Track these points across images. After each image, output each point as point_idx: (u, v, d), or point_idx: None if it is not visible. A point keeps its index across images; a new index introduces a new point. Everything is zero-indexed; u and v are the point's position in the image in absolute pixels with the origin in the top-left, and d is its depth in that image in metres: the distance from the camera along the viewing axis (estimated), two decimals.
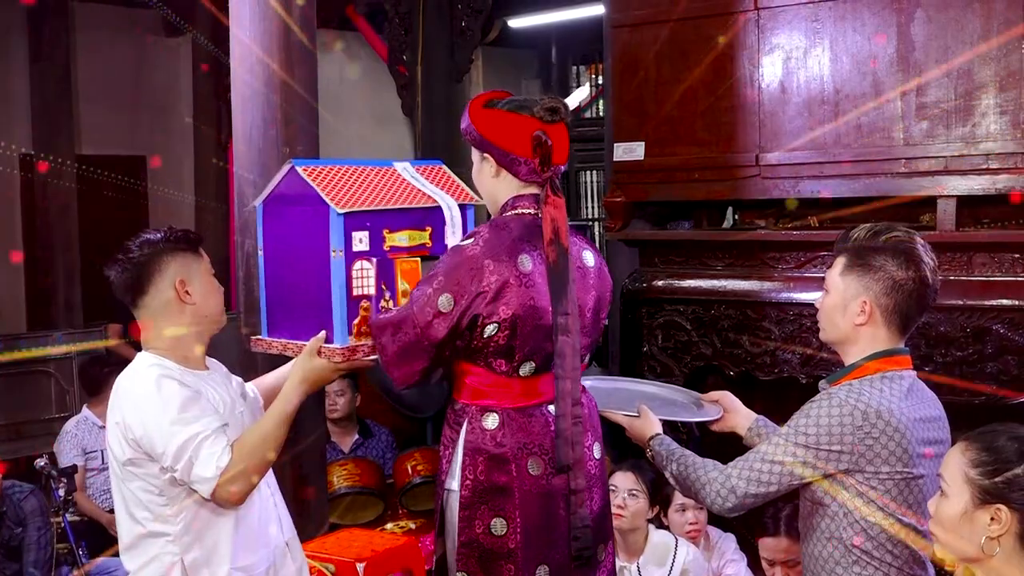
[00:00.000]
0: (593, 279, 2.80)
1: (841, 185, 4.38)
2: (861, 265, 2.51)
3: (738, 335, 4.58)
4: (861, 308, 2.50)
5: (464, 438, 2.67)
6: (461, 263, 2.55)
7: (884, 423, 2.39)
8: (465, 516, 2.65)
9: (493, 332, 2.57)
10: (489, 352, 2.61)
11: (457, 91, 8.89)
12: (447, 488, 2.70)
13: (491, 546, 2.63)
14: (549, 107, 2.68)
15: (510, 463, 2.63)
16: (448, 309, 2.52)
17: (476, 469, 2.64)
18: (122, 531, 2.68)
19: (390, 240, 2.75)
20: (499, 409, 2.66)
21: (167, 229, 2.72)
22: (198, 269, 2.69)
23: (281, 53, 3.67)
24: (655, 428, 2.80)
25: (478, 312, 2.54)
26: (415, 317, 2.53)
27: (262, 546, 2.73)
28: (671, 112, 4.79)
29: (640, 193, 4.93)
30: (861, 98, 4.31)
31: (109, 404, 2.66)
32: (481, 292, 2.54)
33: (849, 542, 2.46)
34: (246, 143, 3.75)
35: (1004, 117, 4.00)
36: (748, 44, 4.59)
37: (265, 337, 2.90)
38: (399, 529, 4.80)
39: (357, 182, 2.74)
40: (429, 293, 2.53)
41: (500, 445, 2.64)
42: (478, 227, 2.69)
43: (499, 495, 2.64)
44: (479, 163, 2.78)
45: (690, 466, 2.64)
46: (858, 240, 2.55)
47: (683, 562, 3.70)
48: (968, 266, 4.08)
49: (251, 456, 2.51)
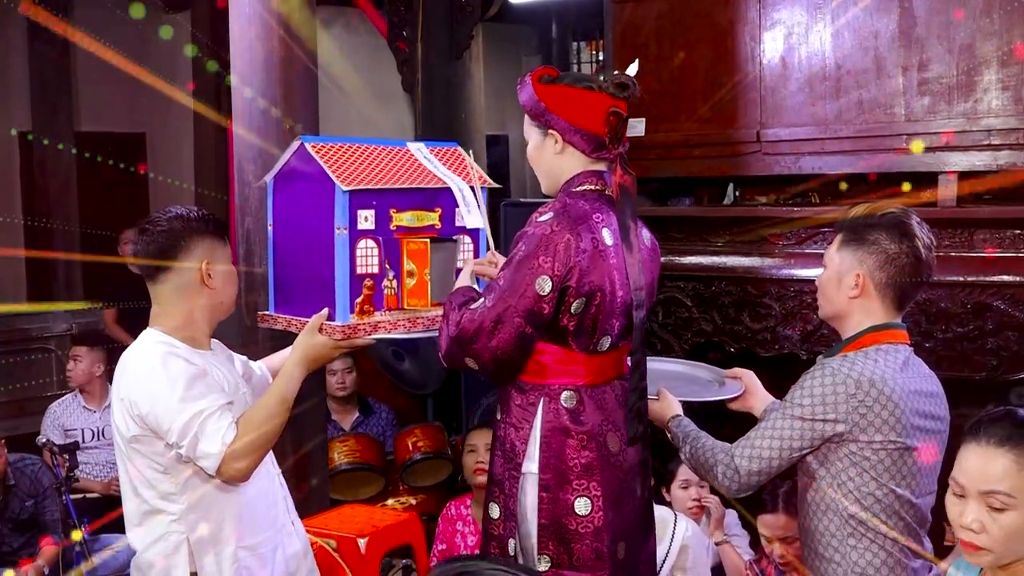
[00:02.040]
0: (648, 256, 2.78)
1: (842, 161, 4.37)
2: (856, 240, 2.56)
3: (739, 311, 4.58)
4: (855, 281, 2.54)
5: (541, 419, 2.61)
6: (548, 240, 2.50)
7: (877, 391, 2.42)
8: (546, 498, 2.60)
9: (580, 308, 2.54)
10: (571, 329, 2.57)
11: (457, 67, 8.84)
12: (524, 472, 2.62)
13: (575, 526, 2.59)
14: (620, 83, 2.64)
15: (593, 440, 2.61)
16: (547, 291, 2.49)
17: (558, 449, 2.59)
18: (128, 509, 2.69)
19: (397, 220, 2.74)
20: (575, 387, 2.62)
21: (198, 210, 2.69)
22: (222, 255, 2.67)
23: (281, 29, 3.66)
24: (675, 410, 2.81)
25: (569, 288, 2.51)
26: (514, 308, 2.48)
27: (268, 525, 2.74)
28: (672, 88, 4.78)
29: (641, 169, 4.86)
30: (863, 74, 4.30)
31: (114, 381, 2.67)
32: (572, 267, 2.50)
33: (844, 513, 2.48)
34: (246, 120, 3.74)
35: (1006, 93, 3.98)
36: (749, 19, 4.57)
37: (272, 313, 2.90)
38: (400, 505, 4.82)
39: (365, 160, 2.73)
40: (524, 279, 2.49)
41: (582, 423, 2.60)
42: (550, 203, 2.63)
43: (583, 474, 2.60)
44: (540, 139, 2.70)
45: (700, 448, 2.66)
46: (856, 217, 2.59)
47: (682, 537, 3.70)
48: (969, 242, 4.08)
49: (256, 432, 2.51)
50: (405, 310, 2.77)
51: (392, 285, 2.75)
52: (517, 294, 2.48)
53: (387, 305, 2.75)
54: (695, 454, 2.67)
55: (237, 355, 2.94)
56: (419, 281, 2.77)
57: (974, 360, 4.01)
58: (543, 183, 2.75)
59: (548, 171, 2.72)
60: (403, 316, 2.75)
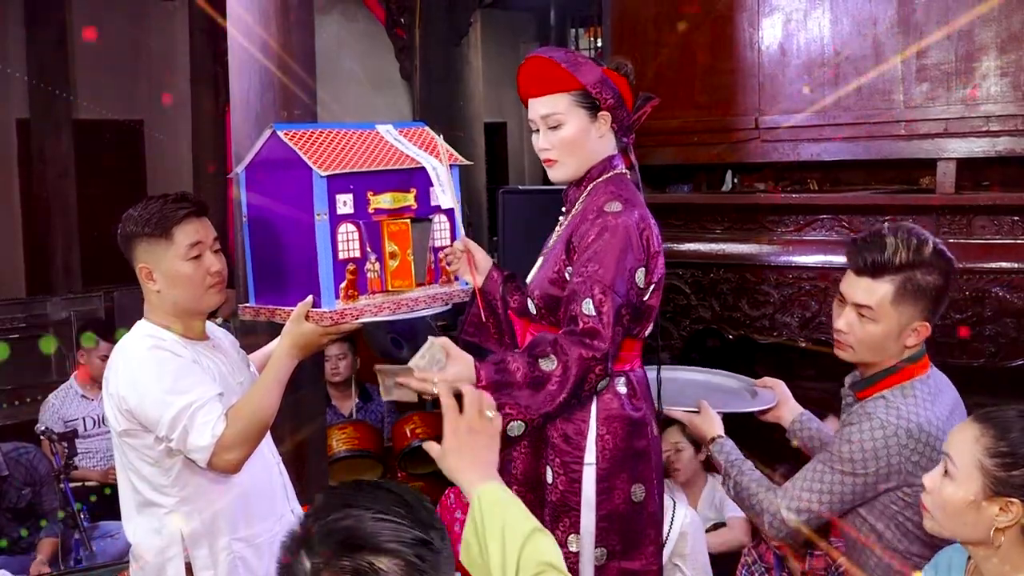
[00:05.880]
0: None
1: (841, 148, 4.36)
2: (916, 289, 2.40)
3: (737, 298, 4.58)
4: (916, 330, 2.42)
5: (597, 407, 2.56)
6: (631, 231, 2.49)
7: (927, 435, 2.35)
8: (604, 488, 2.55)
9: (651, 293, 2.55)
10: (641, 315, 2.56)
11: (455, 54, 8.83)
12: (586, 463, 2.56)
13: (632, 514, 2.57)
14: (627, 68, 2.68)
15: (647, 425, 2.60)
16: (643, 283, 2.50)
17: (616, 437, 2.55)
18: (124, 501, 2.69)
19: (375, 202, 2.71)
20: (627, 372, 2.60)
21: (140, 207, 2.64)
22: (165, 255, 2.60)
23: (278, 16, 3.64)
24: (717, 428, 2.72)
25: (650, 275, 2.52)
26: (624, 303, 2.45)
27: (265, 515, 2.73)
28: (670, 75, 4.77)
29: (639, 156, 4.86)
30: (861, 60, 4.29)
31: (104, 374, 2.66)
32: (653, 254, 2.52)
33: (906, 553, 2.42)
34: (243, 108, 3.73)
35: (1005, 79, 3.98)
36: (748, 6, 4.56)
37: (252, 304, 2.86)
38: None
39: (339, 145, 2.70)
40: (625, 276, 2.47)
41: (637, 409, 2.59)
42: (608, 189, 2.61)
43: (639, 460, 2.58)
44: (586, 122, 2.63)
45: (745, 488, 2.58)
46: (904, 261, 2.40)
47: (681, 524, 3.71)
48: (968, 229, 4.08)
49: (246, 423, 2.50)
50: (389, 292, 2.75)
51: (375, 268, 2.72)
52: (624, 290, 2.46)
53: (371, 289, 2.72)
54: (740, 493, 2.59)
55: None
56: (402, 262, 2.74)
57: (972, 347, 4.01)
58: (570, 168, 2.67)
59: (587, 155, 2.66)
60: (388, 299, 2.73)
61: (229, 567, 2.64)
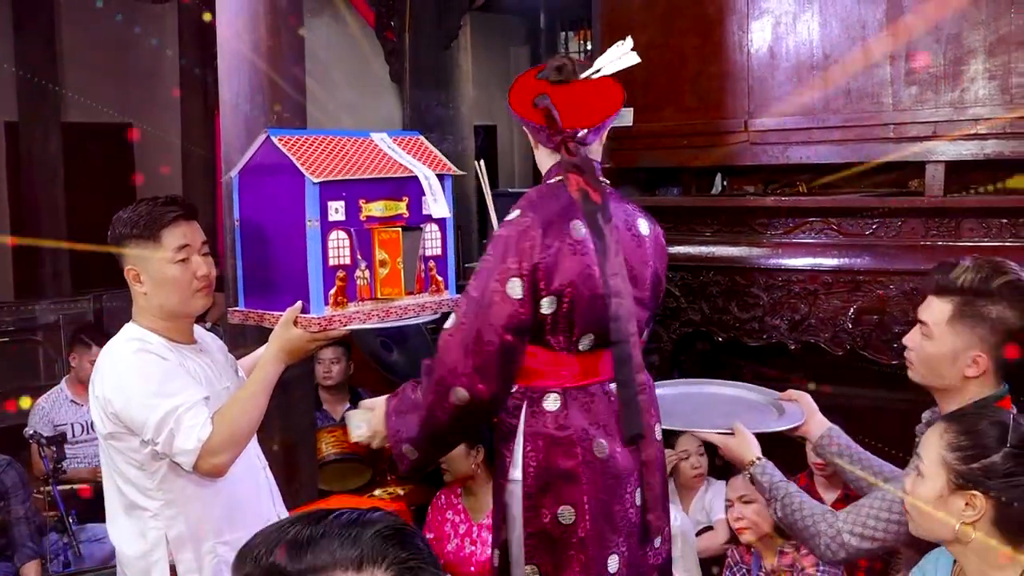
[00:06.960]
0: (650, 247, 2.69)
1: (830, 151, 4.37)
2: (974, 315, 2.35)
3: (727, 301, 4.58)
4: (974, 360, 2.36)
5: (524, 423, 2.54)
6: (514, 238, 2.46)
7: None
8: (530, 506, 2.52)
9: (552, 305, 2.47)
10: (547, 328, 2.49)
11: (445, 57, 8.83)
12: (510, 479, 2.56)
13: (559, 536, 2.51)
14: (556, 66, 2.63)
15: (575, 446, 2.51)
16: (520, 294, 2.43)
17: (539, 455, 2.51)
18: (109, 504, 2.69)
19: (366, 210, 2.72)
20: (559, 389, 2.54)
21: (130, 210, 2.65)
22: (152, 258, 2.61)
23: (267, 19, 3.64)
24: (755, 451, 2.66)
25: (538, 285, 2.44)
26: (489, 317, 2.43)
27: (251, 520, 2.70)
28: (659, 78, 4.77)
29: (628, 159, 4.92)
30: (850, 63, 4.29)
31: (91, 378, 2.66)
32: (538, 263, 2.44)
33: None
34: (233, 111, 3.72)
35: (993, 82, 3.99)
36: (737, 9, 4.57)
37: (242, 308, 2.88)
38: (387, 495, 4.82)
39: (332, 152, 2.72)
40: (495, 285, 2.44)
41: (563, 428, 2.52)
42: (521, 198, 2.60)
43: (565, 481, 2.51)
44: (534, 143, 2.71)
45: (796, 511, 2.53)
46: (967, 284, 2.37)
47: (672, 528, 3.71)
48: (956, 232, 4.08)
49: (232, 427, 2.50)
50: (379, 300, 2.76)
51: (365, 275, 2.73)
52: (491, 303, 2.43)
53: (360, 296, 2.73)
54: (790, 517, 2.54)
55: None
56: (392, 270, 2.75)
57: None
58: None
59: (543, 172, 2.70)
60: (377, 306, 2.75)
61: (214, 571, 2.63)
